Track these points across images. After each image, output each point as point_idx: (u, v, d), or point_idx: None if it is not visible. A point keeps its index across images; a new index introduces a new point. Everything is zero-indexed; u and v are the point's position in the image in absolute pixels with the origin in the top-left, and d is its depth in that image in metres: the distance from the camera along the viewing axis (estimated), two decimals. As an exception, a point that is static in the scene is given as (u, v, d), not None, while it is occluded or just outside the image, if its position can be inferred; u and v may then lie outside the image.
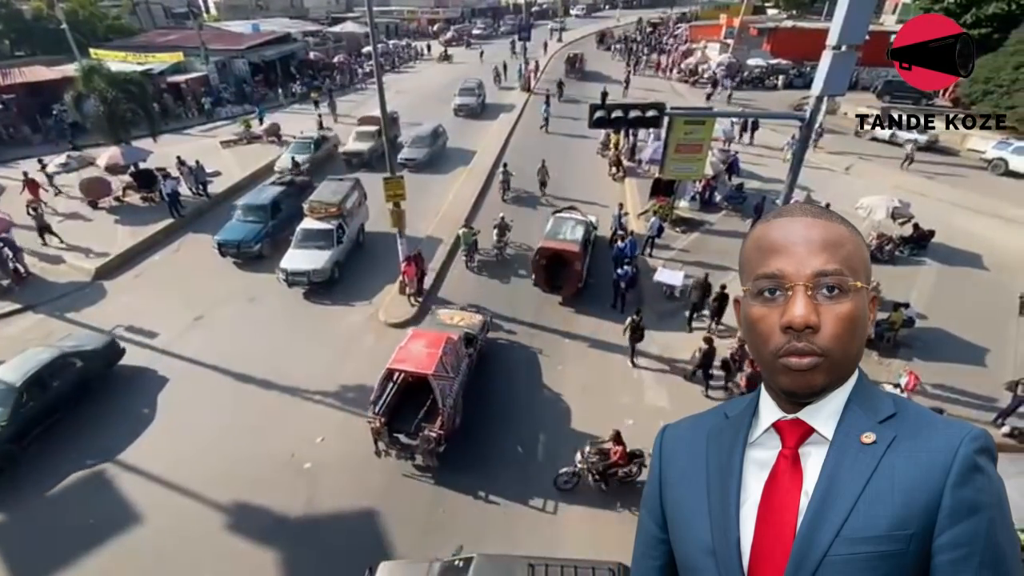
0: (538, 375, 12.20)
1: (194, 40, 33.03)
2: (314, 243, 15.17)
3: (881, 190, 18.72)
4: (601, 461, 9.15)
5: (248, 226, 16.55)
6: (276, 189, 17.92)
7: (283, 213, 17.23)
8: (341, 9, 66.39)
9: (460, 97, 31.52)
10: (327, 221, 15.62)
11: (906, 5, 39.94)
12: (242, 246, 16.13)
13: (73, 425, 10.69)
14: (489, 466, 9.93)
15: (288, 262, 14.75)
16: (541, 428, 10.81)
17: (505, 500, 9.35)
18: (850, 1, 7.83)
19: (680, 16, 67.47)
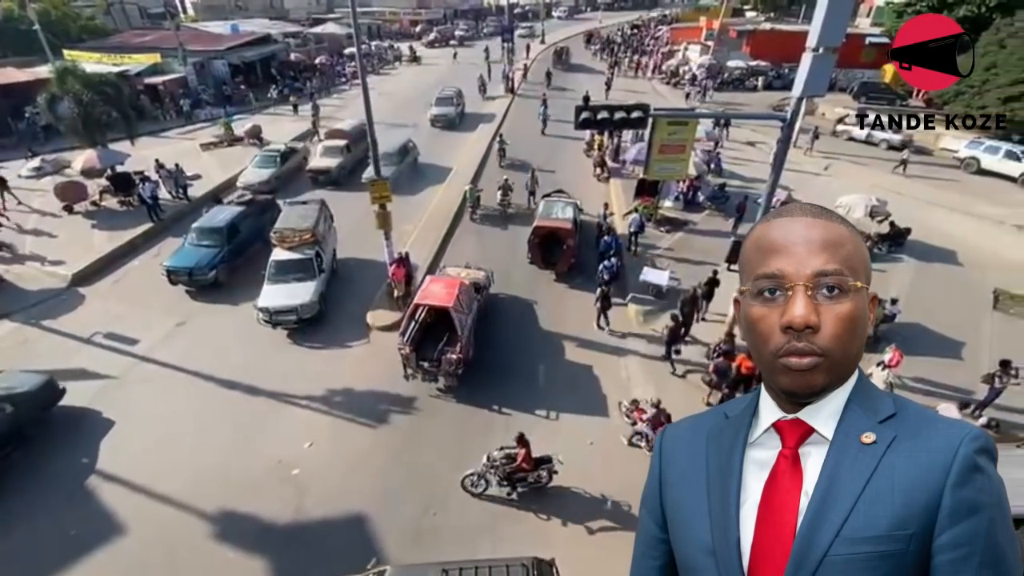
0: (535, 321, 14.11)
1: (171, 41, 32.46)
2: (292, 275, 13.64)
3: (859, 189, 19.13)
4: (507, 464, 8.95)
5: (202, 251, 15.11)
6: (234, 210, 16.42)
7: (242, 236, 15.92)
8: (322, 10, 65.78)
9: (437, 107, 29.31)
10: (301, 250, 14.11)
11: (880, 8, 40.89)
12: (195, 273, 14.65)
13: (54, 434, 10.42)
14: (499, 387, 11.75)
15: (268, 300, 13.10)
16: (540, 360, 12.69)
17: (514, 411, 11.19)
18: (828, 5, 8.01)
19: (661, 18, 68.24)
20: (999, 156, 22.71)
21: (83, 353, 12.71)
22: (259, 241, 16.31)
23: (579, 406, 11.33)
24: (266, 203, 17.84)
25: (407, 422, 10.97)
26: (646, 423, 9.95)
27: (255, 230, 16.46)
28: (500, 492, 9.22)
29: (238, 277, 15.31)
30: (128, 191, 19.64)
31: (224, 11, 51.13)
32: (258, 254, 15.93)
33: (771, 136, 25.63)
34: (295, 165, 22.46)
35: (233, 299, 14.61)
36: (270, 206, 17.65)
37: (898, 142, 25.91)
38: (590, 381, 12.05)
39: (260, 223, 16.62)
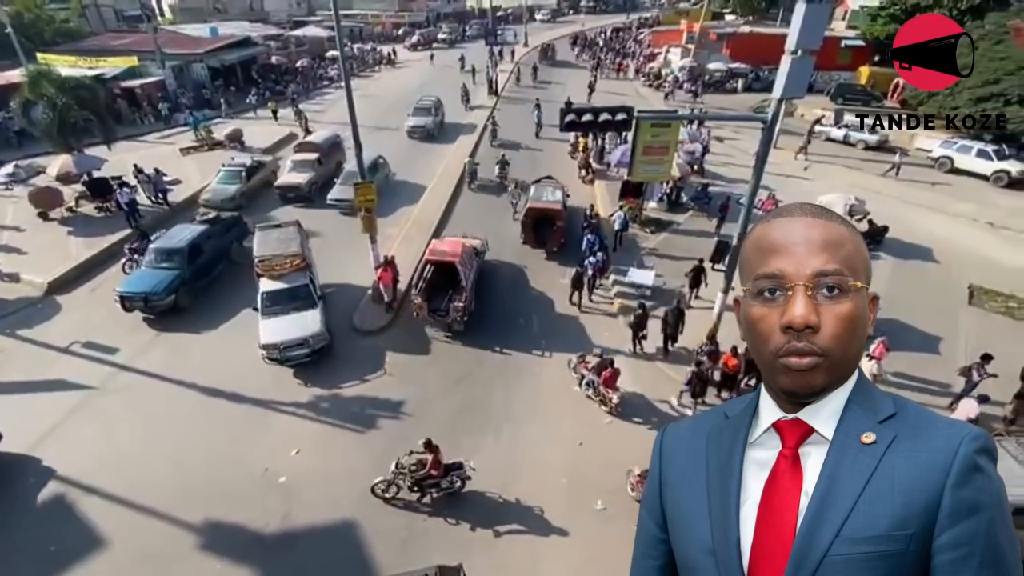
0: (527, 281, 15.87)
1: (149, 44, 31.89)
2: (290, 306, 12.46)
3: (837, 189, 19.52)
4: (417, 471, 8.86)
5: (159, 274, 13.91)
6: (196, 229, 15.30)
7: (205, 256, 14.93)
8: (303, 12, 65.19)
9: (413, 117, 27.55)
10: (291, 277, 12.97)
11: (855, 12, 41.77)
12: (151, 299, 13.41)
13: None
14: (497, 333, 13.56)
15: (272, 335, 11.89)
16: (533, 311, 14.54)
17: (512, 351, 13.04)
18: (806, 9, 8.17)
19: (643, 21, 68.92)
20: (972, 155, 23.33)
21: (61, 363, 12.41)
22: (224, 261, 15.69)
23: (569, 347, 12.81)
24: (231, 221, 16.82)
25: (394, 426, 10.90)
26: (591, 371, 11.18)
27: (219, 250, 15.63)
28: (411, 498, 9.15)
29: (201, 301, 14.56)
30: (105, 197, 19.23)
31: (203, 13, 50.35)
32: (223, 275, 15.48)
33: (742, 134, 26.26)
34: (263, 180, 21.08)
35: (195, 326, 13.74)
36: (236, 224, 16.80)
37: (874, 142, 26.52)
38: (577, 328, 13.91)
39: (225, 242, 15.88)
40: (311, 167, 20.96)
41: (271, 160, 22.45)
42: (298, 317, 12.33)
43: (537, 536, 8.82)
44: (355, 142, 13.54)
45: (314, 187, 20.47)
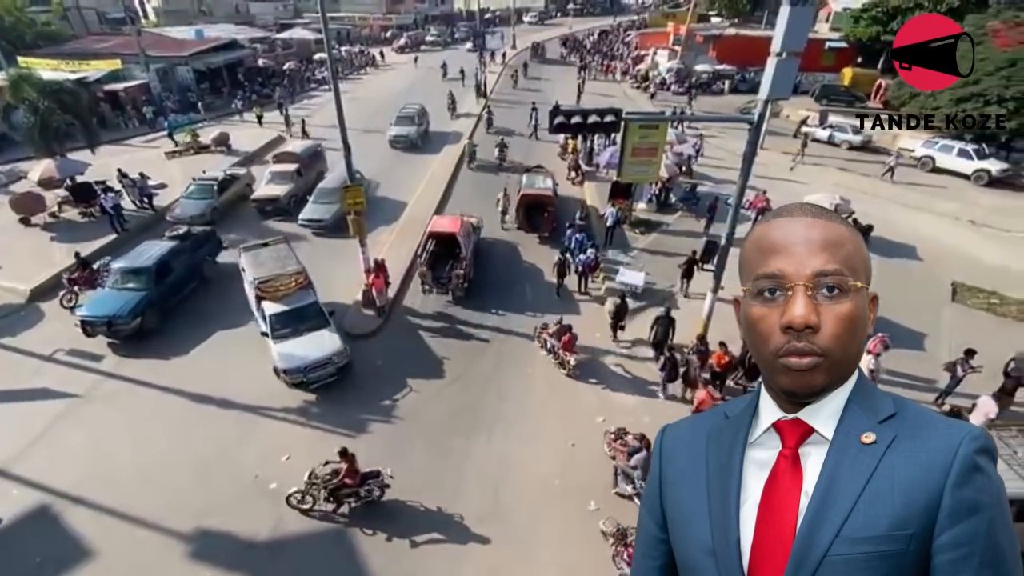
0: (520, 256, 17.23)
1: (132, 46, 31.50)
2: (302, 326, 11.91)
3: (822, 188, 19.79)
4: (331, 480, 8.66)
5: (124, 295, 13.00)
6: (164, 246, 14.44)
7: (175, 275, 14.14)
8: (289, 15, 64.79)
9: (396, 127, 26.50)
10: (296, 297, 12.29)
11: (838, 14, 42.40)
12: (115, 322, 12.52)
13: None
14: (494, 298, 14.99)
15: (291, 360, 11.28)
16: (527, 281, 15.96)
17: (507, 313, 14.45)
18: (790, 12, 8.28)
19: (630, 24, 69.42)
20: (953, 155, 23.78)
21: (45, 371, 12.20)
22: (196, 279, 15.01)
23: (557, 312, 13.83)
24: (204, 236, 15.96)
25: (387, 430, 10.85)
26: (551, 336, 12.31)
27: (191, 267, 14.88)
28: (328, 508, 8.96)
29: (171, 323, 13.79)
30: (89, 201, 18.96)
31: (187, 16, 49.88)
32: (195, 294, 14.93)
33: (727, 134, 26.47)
34: (236, 194, 20.04)
35: (163, 351, 12.90)
36: (208, 239, 16.01)
37: (858, 143, 26.92)
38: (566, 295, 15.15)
39: (197, 259, 15.18)
40: (290, 178, 20.03)
41: (245, 173, 21.23)
42: (314, 337, 11.76)
43: (534, 537, 8.81)
44: (344, 145, 13.47)
45: (293, 200, 19.42)
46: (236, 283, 14.68)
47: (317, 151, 22.77)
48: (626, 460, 9.07)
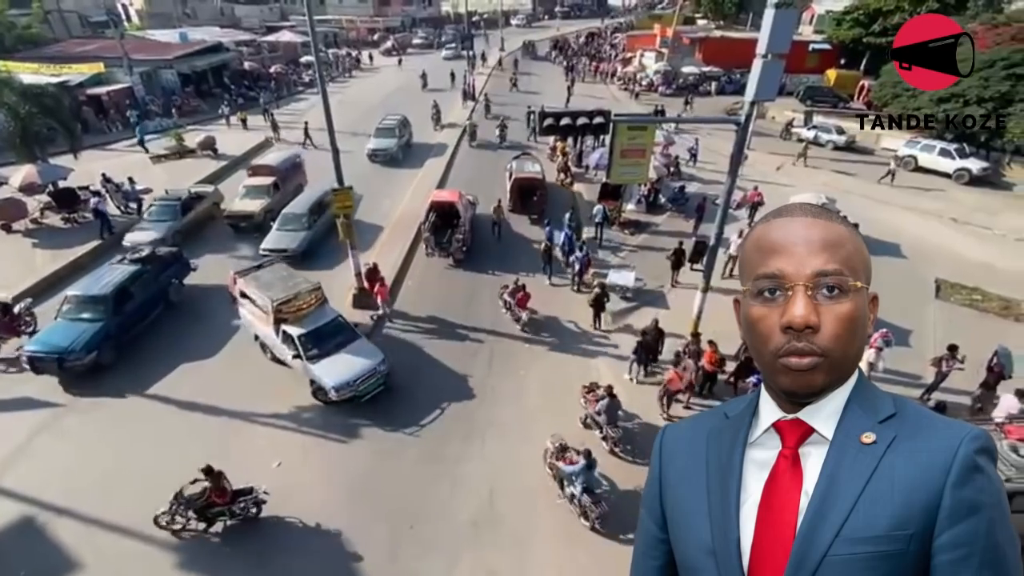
0: (512, 229, 18.69)
1: (115, 50, 31.09)
2: (333, 342, 11.55)
3: (809, 188, 20.04)
4: (199, 499, 8.32)
5: (77, 327, 11.85)
6: (124, 270, 13.27)
7: (136, 302, 13.02)
8: (275, 18, 64.30)
9: (376, 139, 24.91)
10: (317, 315, 11.84)
11: (821, 16, 43.02)
12: (66, 359, 11.36)
13: None
14: (490, 262, 16.65)
15: (339, 376, 10.87)
16: (519, 248, 17.48)
17: (503, 274, 15.70)
18: (774, 14, 8.39)
19: (617, 26, 69.89)
20: (934, 154, 24.20)
21: (27, 380, 11.95)
22: (161, 305, 13.91)
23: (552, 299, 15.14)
24: (170, 257, 14.76)
25: (379, 436, 10.78)
26: (509, 294, 13.85)
27: (155, 293, 13.73)
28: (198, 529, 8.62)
29: (131, 356, 12.62)
30: (72, 207, 18.67)
31: (171, 19, 49.29)
32: (160, 322, 13.80)
33: (713, 135, 26.68)
34: (202, 215, 18.57)
35: (120, 387, 11.73)
36: (175, 260, 14.82)
37: (843, 143, 27.31)
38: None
39: (162, 283, 14.01)
40: (266, 192, 18.85)
41: (213, 190, 19.76)
42: (352, 350, 11.50)
43: (528, 540, 8.79)
44: (332, 148, 13.37)
45: (269, 215, 18.01)
46: (207, 307, 14.46)
47: (296, 162, 21.44)
48: (594, 408, 10.20)
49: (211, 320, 14.08)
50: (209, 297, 14.92)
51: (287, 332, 11.43)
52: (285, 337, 11.50)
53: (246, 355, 12.86)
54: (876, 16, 34.06)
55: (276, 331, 11.59)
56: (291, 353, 11.39)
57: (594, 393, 10.61)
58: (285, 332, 11.46)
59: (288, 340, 11.45)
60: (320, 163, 21.19)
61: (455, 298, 15.12)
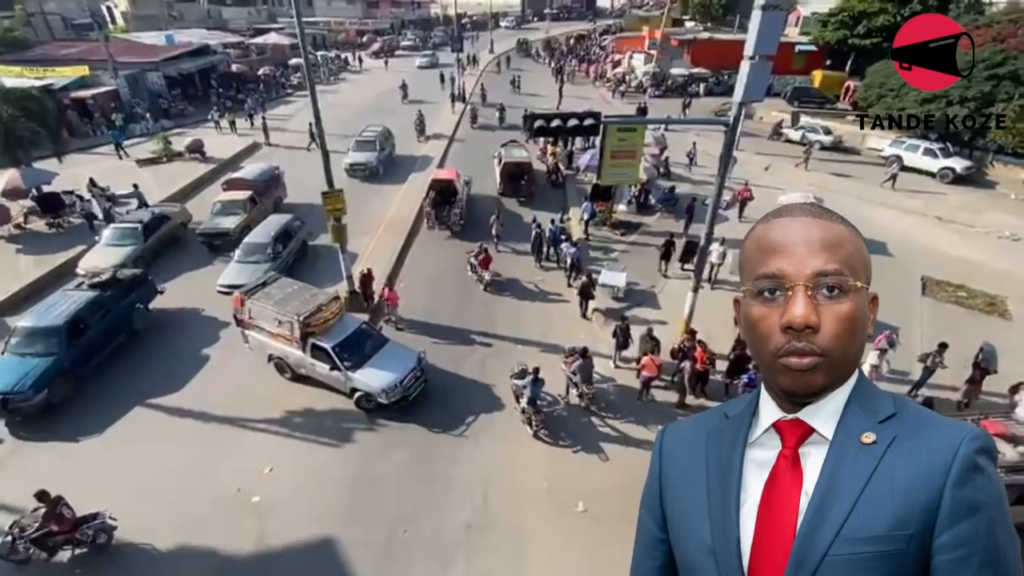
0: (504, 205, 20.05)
1: (100, 53, 30.76)
2: (367, 348, 11.45)
3: (797, 187, 20.25)
4: (36, 527, 7.74)
5: (26, 364, 10.74)
6: (81, 297, 12.14)
7: (94, 333, 11.83)
8: (263, 20, 63.93)
9: (355, 153, 23.24)
10: (341, 326, 11.60)
11: (806, 18, 43.49)
12: (11, 399, 10.33)
13: None
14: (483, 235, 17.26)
15: (381, 380, 10.77)
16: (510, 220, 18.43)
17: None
18: (762, 16, 8.47)
19: (606, 28, 70.25)
20: (919, 153, 24.56)
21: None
22: (123, 333, 12.82)
23: None
24: (133, 280, 13.52)
25: (371, 438, 10.73)
26: (474, 256, 15.47)
27: (117, 320, 12.59)
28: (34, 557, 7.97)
29: (88, 393, 11.44)
30: (57, 212, 18.43)
31: (157, 21, 48.78)
32: (122, 352, 12.64)
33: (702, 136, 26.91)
34: (167, 236, 17.12)
35: (71, 431, 10.62)
36: (139, 283, 13.67)
37: (829, 143, 27.62)
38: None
39: (124, 309, 12.89)
40: (242, 208, 17.71)
41: (179, 210, 18.29)
42: (387, 353, 11.46)
43: (523, 540, 8.79)
44: (322, 152, 13.29)
45: (246, 232, 16.59)
46: (176, 334, 13.54)
47: (274, 175, 20.37)
48: (570, 368, 11.03)
49: (181, 347, 13.07)
50: (180, 323, 13.97)
51: (318, 346, 11.07)
52: (316, 351, 11.14)
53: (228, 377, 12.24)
54: (860, 18, 34.48)
55: (303, 347, 11.18)
56: (327, 366, 11.07)
57: (573, 357, 11.21)
58: (316, 346, 11.09)
59: (321, 353, 11.10)
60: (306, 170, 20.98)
61: (446, 301, 15.07)
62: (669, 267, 15.91)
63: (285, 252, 15.60)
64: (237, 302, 11.85)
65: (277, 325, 11.34)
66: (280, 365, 11.96)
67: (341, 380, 11.11)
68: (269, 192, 19.64)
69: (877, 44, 32.98)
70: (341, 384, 11.22)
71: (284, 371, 11.98)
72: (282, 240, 15.69)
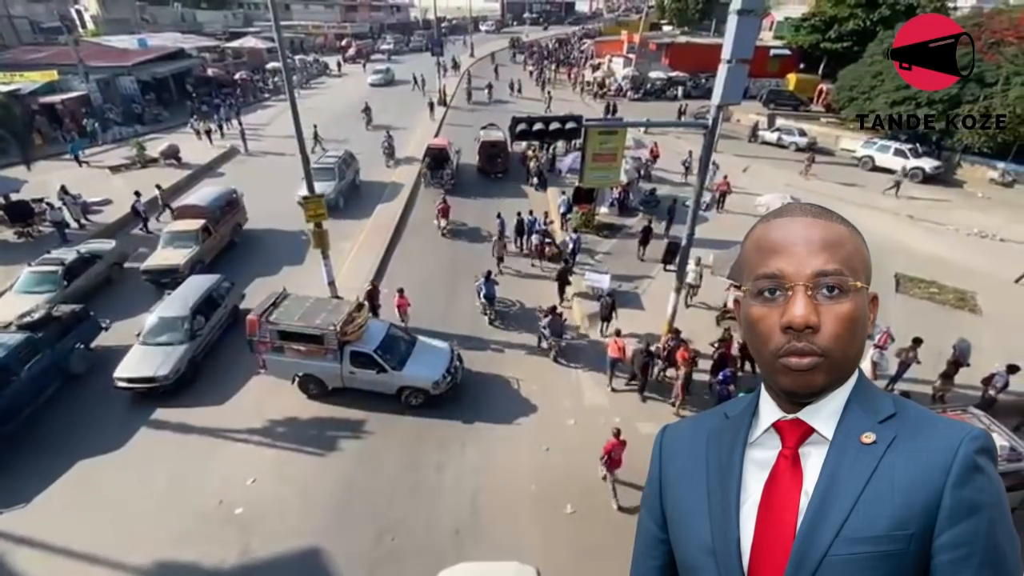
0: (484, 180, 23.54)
1: (70, 57, 29.99)
2: (402, 346, 11.70)
3: (774, 188, 20.66)
4: None
5: None
6: (5, 343, 10.58)
7: (21, 383, 10.39)
8: (239, 24, 63.11)
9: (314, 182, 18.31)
10: (372, 331, 11.56)
11: (780, 23, 44.48)
12: None
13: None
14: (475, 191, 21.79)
15: (430, 371, 11.14)
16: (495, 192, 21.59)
17: (483, 199, 20.75)
18: (738, 21, 8.63)
19: (584, 32, 70.90)
20: (890, 154, 25.27)
21: None
22: (59, 379, 11.33)
23: None
24: (71, 318, 12.00)
25: (357, 446, 10.59)
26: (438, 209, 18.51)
27: (51, 365, 11.10)
28: None
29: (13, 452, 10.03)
30: (26, 221, 17.86)
31: (129, 25, 47.80)
32: (57, 400, 11.13)
33: (682, 138, 27.35)
34: (96, 278, 14.87)
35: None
36: (79, 321, 12.17)
37: (804, 144, 28.26)
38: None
39: (61, 351, 11.42)
40: (194, 239, 15.51)
41: (112, 248, 15.82)
42: (421, 348, 11.81)
43: (511, 547, 8.75)
44: (302, 157, 13.11)
45: (199, 266, 15.13)
46: None
47: (232, 199, 18.03)
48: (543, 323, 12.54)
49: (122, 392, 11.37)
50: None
51: (359, 352, 11.05)
52: (357, 358, 11.07)
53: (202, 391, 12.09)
54: (831, 23, 35.42)
55: (339, 356, 11.02)
56: (372, 371, 11.06)
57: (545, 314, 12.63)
58: (356, 353, 11.06)
59: (363, 359, 11.05)
60: (278, 183, 20.66)
61: (433, 306, 15.00)
62: (646, 252, 16.85)
63: (208, 327, 12.61)
64: (253, 325, 11.06)
65: (307, 341, 11.00)
66: (306, 382, 11.50)
67: (388, 382, 11.17)
68: (226, 219, 17.40)
69: (848, 48, 33.94)
70: (386, 386, 11.27)
71: (309, 388, 11.54)
72: (204, 310, 12.67)
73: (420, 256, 17.62)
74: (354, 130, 29.59)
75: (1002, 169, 23.77)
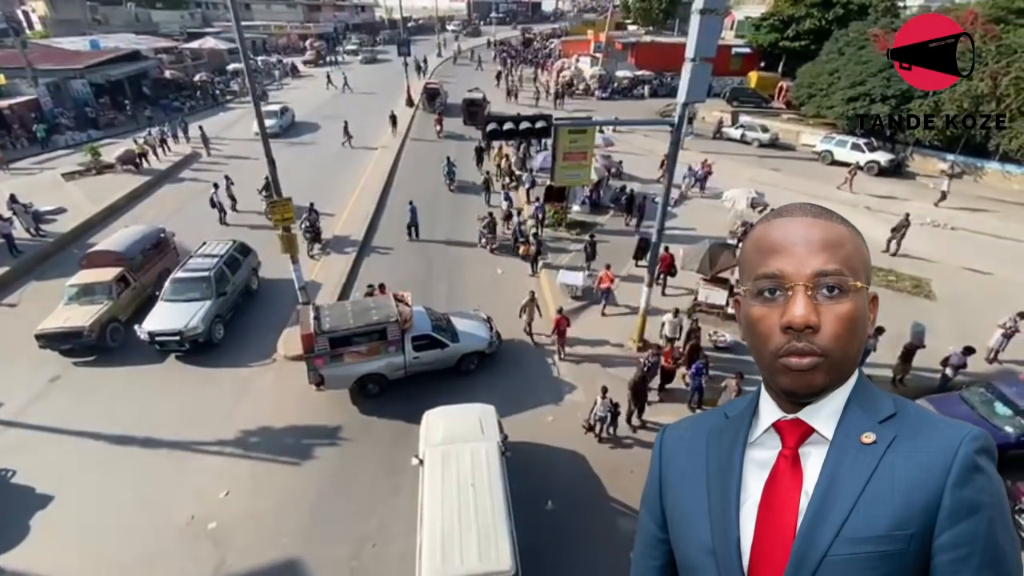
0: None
1: (17, 60, 28.62)
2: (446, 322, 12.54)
3: (739, 184, 21.18)
4: None
5: None
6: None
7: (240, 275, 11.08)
8: (197, 24, 61.21)
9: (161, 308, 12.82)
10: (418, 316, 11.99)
11: (741, 22, 45.61)
12: None
13: None
14: None
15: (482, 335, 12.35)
16: None
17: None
18: (700, 20, 8.83)
19: (551, 32, 71.33)
20: (847, 148, 26.22)
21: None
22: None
23: None
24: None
25: (333, 453, 10.42)
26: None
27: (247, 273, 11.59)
28: None
29: None
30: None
31: (80, 26, 45.77)
32: None
33: (650, 136, 27.77)
34: None
35: None
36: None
37: (767, 140, 29.07)
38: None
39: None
40: (106, 293, 12.86)
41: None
42: (459, 320, 12.77)
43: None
44: (267, 160, 12.80)
45: (112, 326, 12.69)
46: None
47: (158, 240, 15.33)
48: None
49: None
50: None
51: (421, 336, 11.76)
52: (419, 342, 11.74)
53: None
54: (790, 22, 36.50)
55: (401, 345, 11.45)
56: (435, 350, 11.87)
57: None
58: (417, 337, 11.72)
59: (424, 342, 11.77)
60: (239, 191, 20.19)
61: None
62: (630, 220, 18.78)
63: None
64: (309, 340, 10.69)
65: (369, 340, 11.19)
66: (364, 384, 11.52)
67: (452, 355, 12.10)
68: (149, 266, 14.59)
69: (805, 47, 35.03)
70: (449, 360, 12.13)
71: (367, 387, 11.57)
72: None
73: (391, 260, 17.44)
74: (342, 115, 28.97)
75: (951, 161, 24.90)
